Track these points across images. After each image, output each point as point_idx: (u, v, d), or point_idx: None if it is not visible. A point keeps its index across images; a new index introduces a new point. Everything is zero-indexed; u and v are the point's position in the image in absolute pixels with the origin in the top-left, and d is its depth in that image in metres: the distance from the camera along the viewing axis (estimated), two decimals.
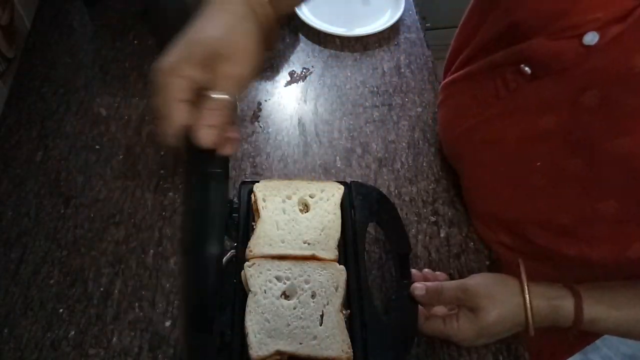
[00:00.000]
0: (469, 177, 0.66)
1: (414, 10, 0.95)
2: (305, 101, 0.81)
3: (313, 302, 0.50)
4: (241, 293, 0.52)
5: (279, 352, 0.47)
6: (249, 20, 0.43)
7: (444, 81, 0.69)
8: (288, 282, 0.51)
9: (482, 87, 0.58)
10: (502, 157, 0.58)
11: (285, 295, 0.51)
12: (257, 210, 0.56)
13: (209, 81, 0.40)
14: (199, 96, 0.40)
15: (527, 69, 0.50)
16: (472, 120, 0.61)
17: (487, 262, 0.64)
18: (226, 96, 0.40)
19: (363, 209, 0.57)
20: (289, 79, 0.84)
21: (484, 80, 0.57)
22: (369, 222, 0.57)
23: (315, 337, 0.48)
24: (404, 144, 0.75)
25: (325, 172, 0.72)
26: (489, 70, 0.57)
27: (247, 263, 0.52)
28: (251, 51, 0.42)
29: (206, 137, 0.39)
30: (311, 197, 0.58)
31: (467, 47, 0.62)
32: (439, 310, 0.54)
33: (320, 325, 0.49)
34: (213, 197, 0.43)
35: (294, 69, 0.85)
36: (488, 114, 0.58)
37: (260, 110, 0.80)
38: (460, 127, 0.63)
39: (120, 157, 0.73)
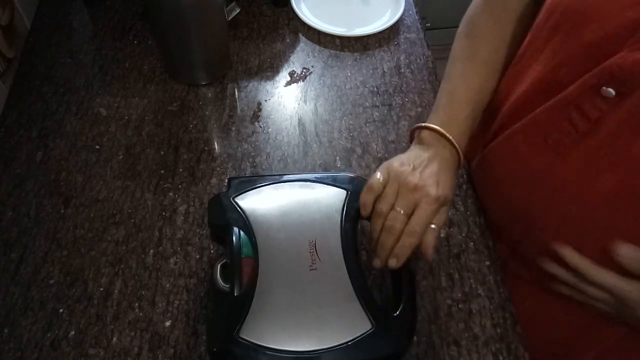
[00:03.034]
0: (538, 241, 0.59)
1: (414, 10, 0.95)
2: (305, 101, 0.81)
3: None
4: None
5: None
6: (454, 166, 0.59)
7: (489, 144, 0.63)
8: None
9: (552, 130, 0.52)
10: (595, 201, 0.51)
11: None
12: None
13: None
14: None
15: (610, 90, 0.46)
16: (541, 169, 0.55)
17: (487, 263, 0.64)
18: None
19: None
20: (289, 79, 0.84)
21: (553, 122, 0.52)
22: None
23: None
24: (404, 144, 0.75)
25: (325, 173, 0.72)
26: (558, 109, 0.52)
27: None
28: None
29: None
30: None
31: (517, 94, 0.58)
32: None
33: None
34: None
35: (294, 69, 0.85)
36: (566, 156, 0.52)
37: (260, 110, 0.80)
38: (526, 182, 0.57)
39: (120, 157, 0.73)
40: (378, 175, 0.55)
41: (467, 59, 0.63)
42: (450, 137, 0.57)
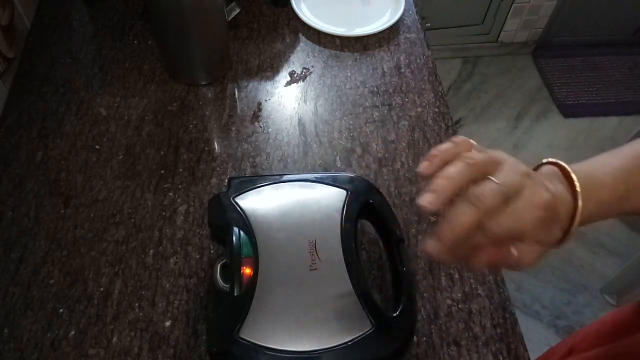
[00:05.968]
0: None
1: (414, 10, 0.95)
2: (305, 101, 0.81)
3: None
4: None
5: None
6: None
7: None
8: None
9: None
10: None
11: None
12: None
13: None
14: None
15: None
16: None
17: None
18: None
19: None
20: (289, 79, 0.84)
21: None
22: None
23: None
24: (404, 144, 0.75)
25: (325, 173, 0.72)
26: None
27: None
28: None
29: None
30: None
31: None
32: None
33: None
34: None
35: (294, 69, 0.85)
36: None
37: (260, 110, 0.80)
38: None
39: (120, 157, 0.73)
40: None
41: None
42: (576, 180, 0.39)
